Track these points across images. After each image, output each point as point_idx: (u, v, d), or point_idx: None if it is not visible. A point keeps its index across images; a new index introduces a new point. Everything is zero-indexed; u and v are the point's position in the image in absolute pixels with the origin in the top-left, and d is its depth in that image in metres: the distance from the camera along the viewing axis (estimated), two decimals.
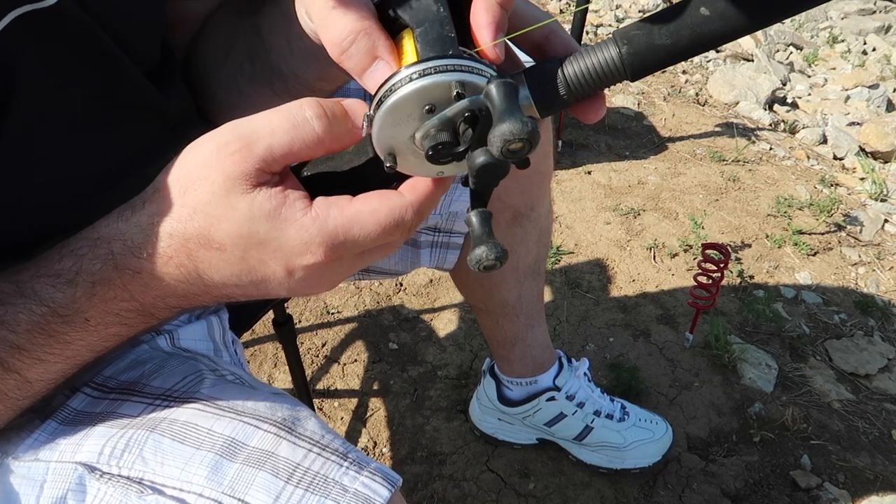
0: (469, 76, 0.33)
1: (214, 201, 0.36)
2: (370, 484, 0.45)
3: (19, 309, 0.39)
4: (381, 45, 0.35)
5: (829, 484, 1.21)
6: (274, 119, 0.36)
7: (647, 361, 1.46)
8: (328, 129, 0.36)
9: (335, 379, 1.40)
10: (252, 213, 0.36)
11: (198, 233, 0.37)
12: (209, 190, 0.36)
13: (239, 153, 0.36)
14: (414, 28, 0.35)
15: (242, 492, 0.43)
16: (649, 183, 2.14)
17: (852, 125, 2.82)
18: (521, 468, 1.22)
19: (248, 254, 0.38)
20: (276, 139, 0.36)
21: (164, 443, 0.46)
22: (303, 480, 0.44)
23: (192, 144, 0.38)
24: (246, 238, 0.37)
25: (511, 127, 0.30)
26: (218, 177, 0.36)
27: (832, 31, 4.44)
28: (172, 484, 0.44)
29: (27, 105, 0.41)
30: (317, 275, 0.38)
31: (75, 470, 0.45)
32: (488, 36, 0.35)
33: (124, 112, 0.48)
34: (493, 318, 1.09)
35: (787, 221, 1.99)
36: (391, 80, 0.34)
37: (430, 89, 0.33)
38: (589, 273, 1.73)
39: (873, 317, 1.66)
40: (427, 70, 0.32)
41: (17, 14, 0.38)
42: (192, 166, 0.37)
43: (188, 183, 0.37)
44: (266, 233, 0.36)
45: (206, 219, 0.37)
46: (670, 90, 2.92)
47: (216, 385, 0.52)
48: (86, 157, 0.47)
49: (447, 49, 0.34)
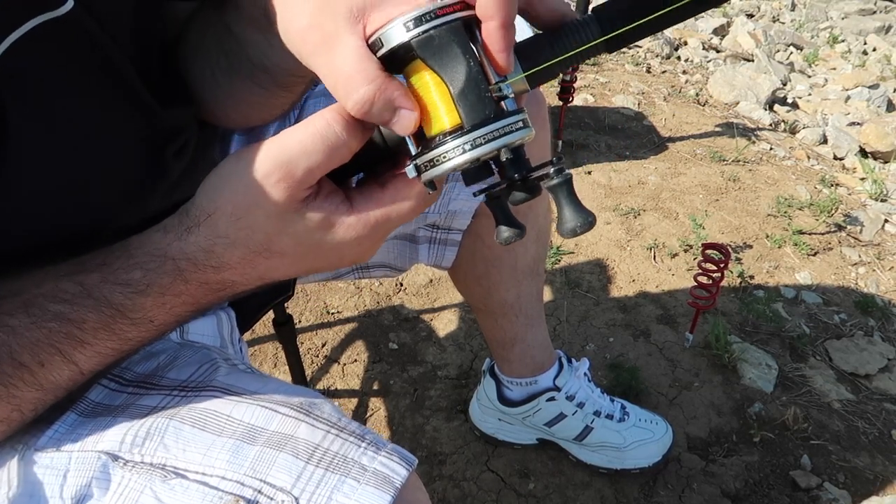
0: (512, 137, 0.37)
1: (270, 222, 0.41)
2: (388, 463, 0.46)
3: (88, 309, 0.43)
4: (398, 96, 0.37)
5: (829, 484, 1.21)
6: (307, 141, 0.39)
7: (647, 361, 1.46)
8: (356, 135, 0.40)
9: (335, 379, 1.40)
10: (307, 226, 0.42)
11: (260, 246, 0.43)
12: (264, 215, 0.41)
13: (284, 181, 0.40)
14: (447, 83, 0.37)
15: (264, 473, 0.44)
16: (649, 183, 2.14)
17: (852, 125, 2.82)
18: (521, 468, 1.22)
19: (308, 255, 0.44)
20: (313, 160, 0.39)
21: (185, 430, 0.47)
22: (323, 460, 0.45)
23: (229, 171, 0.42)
24: (305, 245, 0.43)
25: (580, 223, 0.39)
26: (269, 205, 0.40)
27: (832, 31, 4.44)
28: (195, 469, 0.45)
29: (40, 112, 0.41)
30: (365, 252, 0.46)
31: (98, 458, 0.46)
32: (506, 60, 0.38)
33: (129, 119, 0.49)
34: (492, 317, 1.09)
35: (788, 221, 1.99)
36: (444, 147, 0.37)
37: (481, 156, 0.37)
38: (589, 273, 1.73)
39: (873, 317, 1.66)
40: (478, 141, 0.37)
41: (37, 23, 0.38)
42: (240, 196, 0.41)
43: (240, 211, 0.42)
44: (320, 238, 0.43)
45: (265, 234, 0.42)
46: (670, 90, 2.92)
47: (231, 373, 0.54)
48: (92, 162, 0.47)
49: (488, 111, 0.37)
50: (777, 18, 4.74)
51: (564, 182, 0.39)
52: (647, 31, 0.40)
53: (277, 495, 0.43)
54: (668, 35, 3.63)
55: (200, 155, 0.60)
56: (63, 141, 0.43)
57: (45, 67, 0.40)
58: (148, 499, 0.44)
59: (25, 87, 0.39)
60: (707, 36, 3.82)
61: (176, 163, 0.54)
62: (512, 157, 0.38)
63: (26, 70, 0.39)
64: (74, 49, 0.41)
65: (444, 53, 0.37)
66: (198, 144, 0.58)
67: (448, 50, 0.37)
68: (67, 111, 0.43)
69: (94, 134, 0.46)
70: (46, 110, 0.41)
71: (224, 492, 0.44)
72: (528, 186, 0.41)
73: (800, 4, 4.99)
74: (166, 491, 0.44)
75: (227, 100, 0.55)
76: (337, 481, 0.44)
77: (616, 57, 3.29)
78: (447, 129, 0.38)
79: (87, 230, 0.48)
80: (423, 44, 0.36)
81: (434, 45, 0.36)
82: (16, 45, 0.37)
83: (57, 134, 0.43)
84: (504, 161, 0.38)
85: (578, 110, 2.55)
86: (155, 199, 0.53)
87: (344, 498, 0.43)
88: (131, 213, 0.51)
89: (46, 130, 0.42)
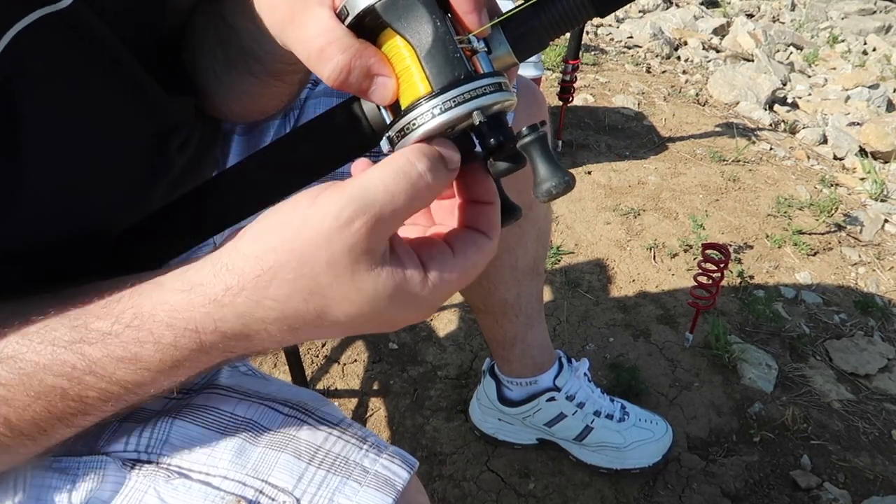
0: (485, 99, 0.35)
1: (336, 284, 0.34)
2: (390, 465, 0.46)
3: (90, 388, 0.38)
4: (374, 62, 0.36)
5: (829, 484, 1.21)
6: (389, 181, 0.33)
7: (647, 361, 1.46)
8: (441, 180, 0.35)
9: (335, 379, 1.40)
10: (377, 292, 0.34)
11: (312, 315, 0.36)
12: (332, 274, 0.34)
13: (365, 227, 0.33)
14: (414, 46, 0.35)
15: (266, 473, 0.45)
16: (649, 183, 2.14)
17: (852, 125, 2.82)
18: (521, 468, 1.22)
19: (363, 325, 0.37)
20: (398, 204, 0.33)
21: (189, 428, 0.47)
22: (325, 462, 0.45)
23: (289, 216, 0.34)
24: (365, 315, 0.36)
25: (555, 183, 0.34)
26: (342, 258, 0.33)
27: (832, 31, 4.44)
28: (199, 468, 0.45)
29: (43, 107, 0.41)
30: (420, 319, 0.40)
31: (107, 462, 0.46)
32: (475, 22, 0.36)
33: (132, 113, 0.49)
34: (492, 317, 1.09)
35: (788, 221, 1.99)
36: (413, 113, 0.35)
37: (451, 121, 0.34)
38: (589, 273, 1.73)
39: (873, 317, 1.66)
40: (447, 104, 0.34)
41: (37, 17, 0.38)
42: (304, 247, 0.33)
43: (301, 268, 0.34)
44: (385, 309, 0.35)
45: (324, 300, 0.35)
46: (670, 90, 2.92)
47: (233, 376, 0.54)
48: (97, 158, 0.47)
49: (458, 72, 0.35)
50: (777, 18, 4.74)
51: (537, 139, 0.35)
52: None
53: (279, 496, 0.43)
54: (668, 35, 3.63)
55: (203, 151, 0.60)
56: (67, 134, 0.43)
57: (48, 60, 0.40)
58: (151, 499, 0.44)
59: (29, 80, 0.39)
60: (707, 36, 3.82)
61: (179, 156, 0.54)
62: (486, 120, 0.35)
63: (29, 63, 0.39)
64: (76, 42, 0.41)
65: (409, 15, 0.35)
66: (200, 139, 0.58)
67: (413, 11, 0.35)
68: (71, 104, 0.43)
69: (98, 126, 0.45)
70: (50, 103, 0.41)
71: (226, 492, 0.44)
72: (510, 155, 0.37)
73: (800, 4, 4.99)
74: (169, 491, 0.44)
75: (227, 91, 0.55)
76: (338, 483, 0.44)
77: (616, 57, 3.29)
78: (421, 95, 0.35)
79: (88, 228, 0.47)
80: (388, 7, 0.35)
81: (399, 8, 0.35)
82: (18, 37, 0.37)
83: (61, 127, 0.43)
84: (479, 126, 0.35)
85: (578, 110, 2.55)
86: (157, 194, 0.53)
87: (345, 500, 0.43)
88: (133, 210, 0.51)
89: (51, 124, 0.42)
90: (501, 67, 0.39)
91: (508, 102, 0.37)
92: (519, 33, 0.38)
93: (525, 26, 0.38)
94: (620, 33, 3.65)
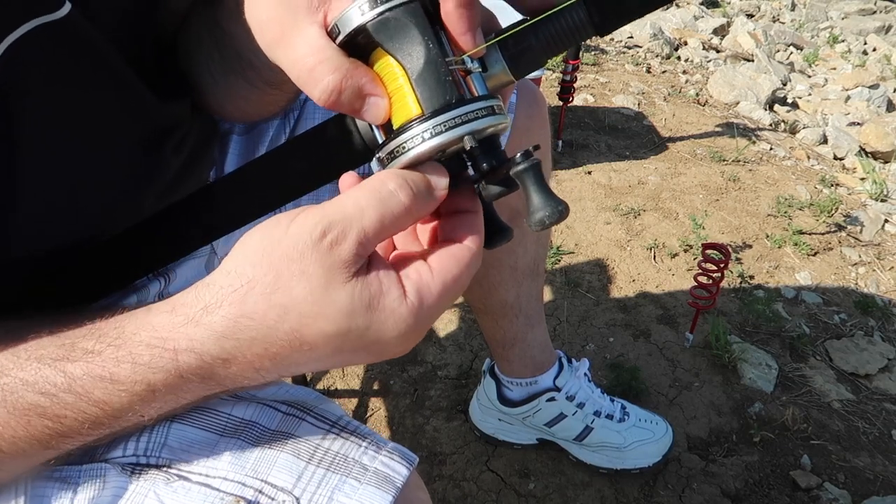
0: (477, 124, 0.34)
1: (311, 298, 0.34)
2: (389, 462, 0.46)
3: (67, 407, 0.38)
4: (366, 82, 0.35)
5: (829, 484, 1.21)
6: (360, 198, 0.34)
7: (647, 361, 1.46)
8: (414, 198, 0.35)
9: (335, 379, 1.40)
10: (353, 305, 0.34)
11: (288, 336, 0.35)
12: (306, 287, 0.34)
13: (335, 241, 0.34)
14: (405, 67, 0.35)
15: (265, 473, 0.45)
16: (649, 183, 2.14)
17: (852, 125, 2.82)
18: (521, 468, 1.22)
19: (343, 349, 0.36)
20: (367, 219, 0.34)
21: (188, 431, 0.47)
22: (324, 460, 0.45)
23: (269, 234, 0.35)
24: (343, 335, 0.35)
25: (548, 213, 0.34)
26: (316, 269, 0.34)
27: (832, 31, 4.44)
28: (198, 470, 0.45)
29: (37, 116, 0.41)
30: (411, 346, 0.38)
31: (106, 468, 0.46)
32: (469, 42, 0.36)
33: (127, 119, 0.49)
34: (492, 318, 1.09)
35: (788, 221, 1.99)
36: (404, 136, 0.35)
37: (442, 145, 0.34)
38: (589, 273, 1.73)
39: (873, 317, 1.66)
40: (437, 128, 0.34)
41: (34, 26, 0.38)
42: (280, 260, 0.34)
43: (277, 281, 0.34)
44: (364, 325, 0.35)
45: (300, 318, 0.35)
46: (670, 90, 2.92)
47: None
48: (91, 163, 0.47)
49: (449, 96, 0.34)
50: (777, 18, 4.74)
51: (531, 167, 0.35)
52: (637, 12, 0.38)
53: (278, 495, 0.43)
54: (668, 35, 3.63)
55: (199, 152, 0.60)
56: (62, 140, 0.43)
57: (45, 69, 0.40)
58: (152, 502, 0.44)
59: (25, 89, 0.39)
60: (707, 36, 3.82)
61: (174, 158, 0.54)
62: (478, 145, 0.35)
63: (26, 72, 0.39)
64: (73, 51, 0.41)
65: (401, 36, 0.34)
66: (196, 140, 0.58)
67: (405, 32, 0.34)
68: (67, 111, 0.43)
69: (93, 132, 0.45)
70: (46, 111, 0.41)
71: (225, 493, 0.44)
72: (503, 179, 0.36)
73: (800, 4, 4.99)
74: (169, 493, 0.44)
75: (224, 93, 0.55)
76: (338, 481, 0.44)
77: (616, 57, 3.29)
78: (413, 116, 0.35)
79: (83, 232, 0.47)
80: (379, 27, 0.34)
81: (390, 28, 0.34)
82: (13, 46, 0.37)
83: (56, 134, 0.43)
84: (471, 150, 0.35)
85: (578, 110, 2.55)
86: (150, 198, 0.53)
87: (345, 498, 0.43)
88: (127, 212, 0.51)
89: (46, 131, 0.42)
90: (497, 85, 0.38)
91: (501, 126, 0.36)
92: (516, 51, 0.38)
93: (522, 44, 0.38)
94: (620, 33, 3.65)
